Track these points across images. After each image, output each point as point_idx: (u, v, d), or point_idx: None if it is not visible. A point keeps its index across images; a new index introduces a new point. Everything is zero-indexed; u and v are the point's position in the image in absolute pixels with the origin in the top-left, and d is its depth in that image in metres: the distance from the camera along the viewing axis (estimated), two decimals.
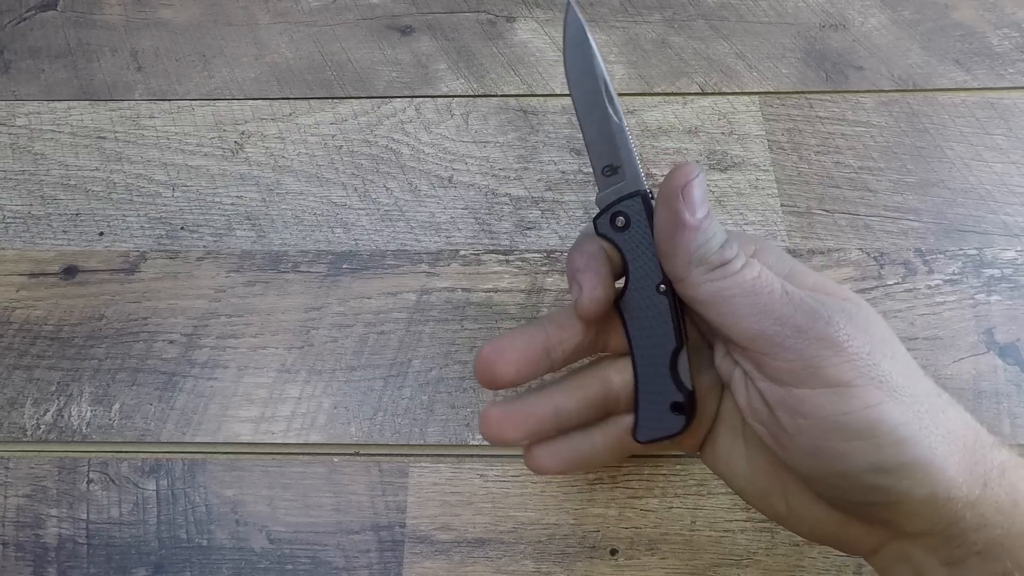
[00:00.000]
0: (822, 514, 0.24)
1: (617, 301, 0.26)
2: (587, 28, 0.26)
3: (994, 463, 0.22)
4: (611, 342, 0.27)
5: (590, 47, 0.26)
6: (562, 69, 0.43)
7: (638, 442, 0.26)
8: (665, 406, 0.25)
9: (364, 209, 0.39)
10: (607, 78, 0.26)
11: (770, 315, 0.22)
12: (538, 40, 0.45)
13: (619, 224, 0.25)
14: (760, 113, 0.42)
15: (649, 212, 0.25)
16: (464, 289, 0.37)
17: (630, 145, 0.25)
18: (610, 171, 0.26)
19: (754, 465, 0.25)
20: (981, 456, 0.22)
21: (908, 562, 0.23)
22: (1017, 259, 0.37)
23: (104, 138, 0.42)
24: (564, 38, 0.26)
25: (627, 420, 0.26)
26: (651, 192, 0.26)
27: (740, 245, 0.24)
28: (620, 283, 0.26)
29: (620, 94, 0.42)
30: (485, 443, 0.34)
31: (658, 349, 0.25)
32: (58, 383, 0.35)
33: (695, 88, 0.43)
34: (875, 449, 0.21)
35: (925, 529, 0.22)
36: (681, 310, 0.25)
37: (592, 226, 0.27)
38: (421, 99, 0.43)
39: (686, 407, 0.25)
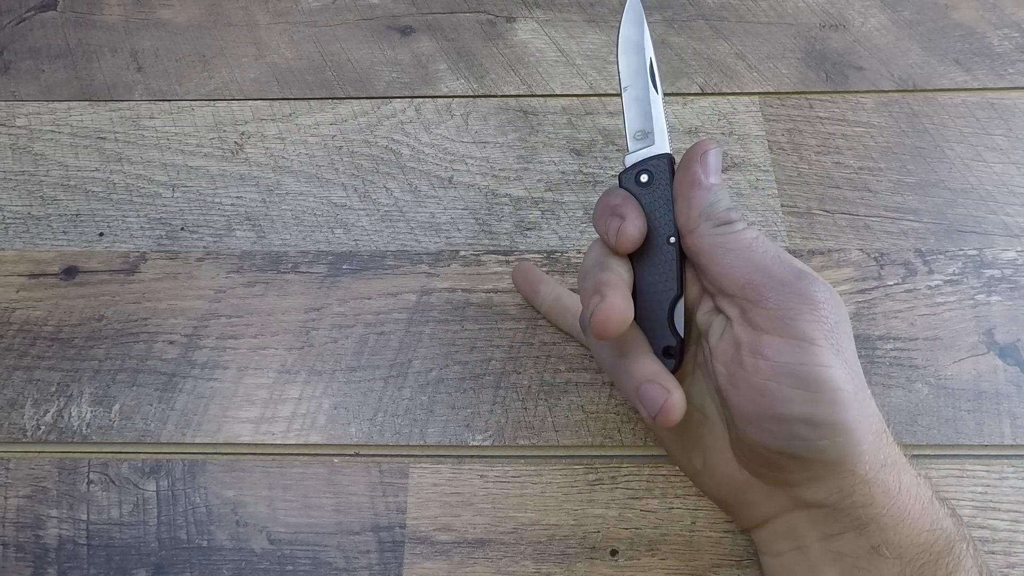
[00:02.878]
0: (733, 473, 0.27)
1: None
2: (643, 13, 0.30)
3: (891, 453, 0.25)
4: None
5: (643, 28, 0.30)
6: (562, 69, 0.44)
7: None
8: (658, 350, 0.28)
9: (364, 210, 0.39)
10: (653, 56, 0.30)
11: (761, 269, 0.25)
12: (538, 40, 0.45)
13: (642, 180, 0.28)
14: (760, 113, 0.42)
15: (672, 173, 0.28)
16: (464, 290, 0.37)
17: (663, 116, 0.29)
18: (641, 136, 0.29)
19: (687, 422, 0.28)
20: (884, 444, 0.25)
21: (790, 536, 0.27)
22: (1017, 259, 0.37)
23: (104, 138, 0.42)
24: (623, 16, 0.30)
25: None
26: (675, 158, 0.29)
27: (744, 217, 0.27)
28: None
29: (621, 95, 0.42)
30: (485, 444, 0.34)
31: (660, 296, 0.28)
32: (58, 384, 0.35)
33: (695, 88, 0.43)
34: (813, 401, 0.24)
35: (820, 499, 0.25)
36: (683, 265, 0.28)
37: (616, 183, 0.30)
38: (421, 99, 0.43)
39: (677, 352, 0.28)
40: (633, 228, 0.27)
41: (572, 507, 0.33)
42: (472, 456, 0.34)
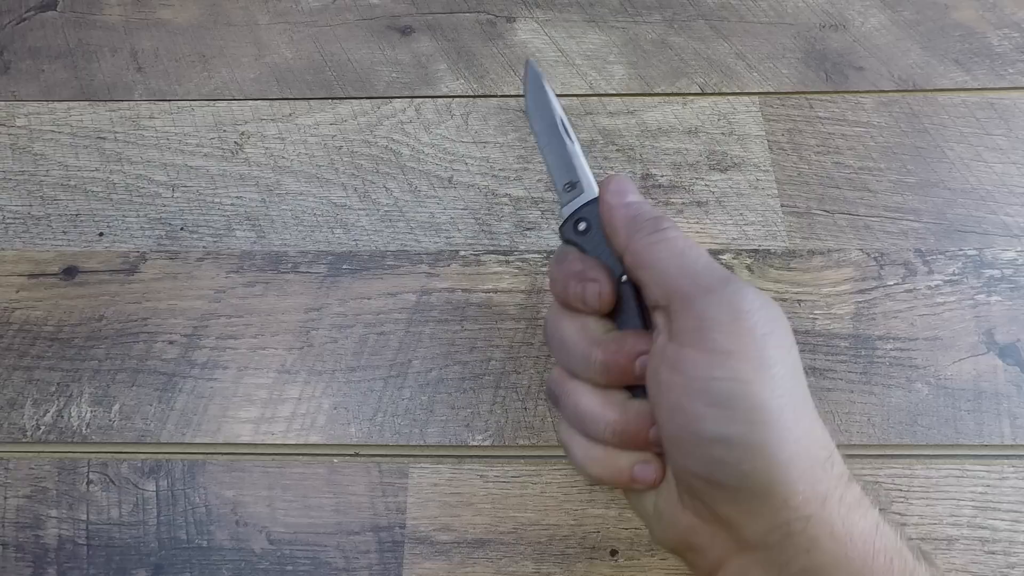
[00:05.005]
0: (679, 517, 0.25)
1: None
2: (543, 75, 0.31)
3: (837, 490, 0.22)
4: None
5: (546, 89, 0.30)
6: (562, 69, 0.44)
7: None
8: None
9: (364, 210, 0.39)
10: (562, 113, 0.30)
11: (689, 275, 0.24)
12: (538, 40, 0.45)
13: (580, 228, 0.28)
14: (760, 113, 0.42)
15: None
16: (464, 290, 0.37)
17: (584, 163, 0.29)
18: (570, 187, 0.29)
19: None
20: (827, 476, 0.22)
21: None
22: (1017, 259, 0.37)
23: (104, 138, 0.42)
24: (525, 85, 0.31)
25: None
26: None
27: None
28: None
29: (620, 95, 0.43)
30: (485, 444, 0.34)
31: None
32: (58, 384, 0.35)
33: (695, 88, 0.43)
34: (727, 420, 0.22)
35: (761, 535, 0.23)
36: (642, 301, 0.27)
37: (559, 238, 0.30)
38: (421, 99, 0.43)
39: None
40: (609, 295, 0.26)
41: (572, 507, 0.33)
42: (472, 456, 0.34)
